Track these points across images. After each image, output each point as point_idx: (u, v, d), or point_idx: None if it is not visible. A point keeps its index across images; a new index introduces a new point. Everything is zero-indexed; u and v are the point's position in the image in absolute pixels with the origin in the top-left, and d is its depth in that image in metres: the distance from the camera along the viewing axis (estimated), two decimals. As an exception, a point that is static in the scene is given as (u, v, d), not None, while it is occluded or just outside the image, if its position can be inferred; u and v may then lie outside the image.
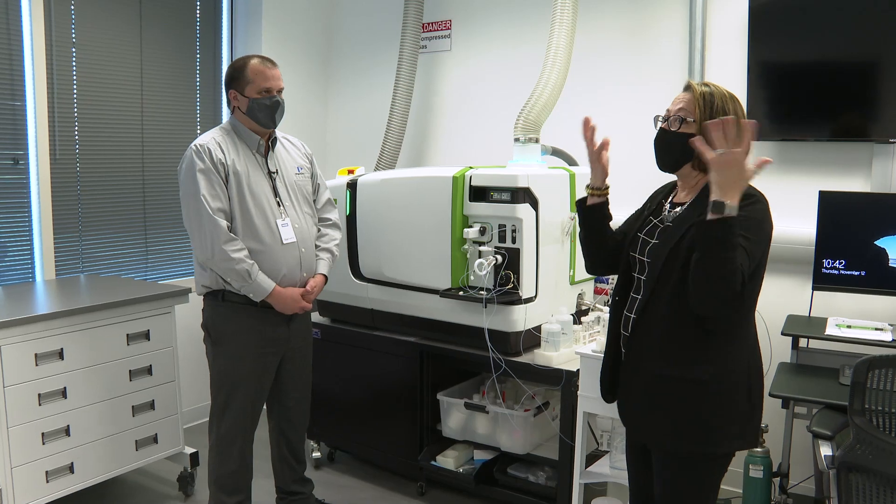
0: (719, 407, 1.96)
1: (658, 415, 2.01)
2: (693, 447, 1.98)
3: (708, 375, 1.95)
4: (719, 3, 3.42)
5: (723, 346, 1.96)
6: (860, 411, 2.24)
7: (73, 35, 3.66)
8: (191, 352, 3.82)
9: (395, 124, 4.19)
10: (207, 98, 4.34)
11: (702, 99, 1.98)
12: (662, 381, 2.00)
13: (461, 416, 3.32)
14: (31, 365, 2.88)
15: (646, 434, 2.09)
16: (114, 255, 3.93)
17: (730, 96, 2.00)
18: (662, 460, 2.07)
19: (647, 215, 2.17)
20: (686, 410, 1.97)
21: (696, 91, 2.00)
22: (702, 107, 1.98)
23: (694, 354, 1.96)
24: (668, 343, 1.99)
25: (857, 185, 3.18)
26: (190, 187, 2.76)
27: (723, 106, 1.97)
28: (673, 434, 1.99)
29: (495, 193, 3.03)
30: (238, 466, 2.93)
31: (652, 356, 2.02)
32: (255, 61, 2.83)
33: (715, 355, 1.95)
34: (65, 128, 3.66)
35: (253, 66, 2.82)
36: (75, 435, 3.03)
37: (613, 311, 2.19)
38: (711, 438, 1.96)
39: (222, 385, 2.89)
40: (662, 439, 2.03)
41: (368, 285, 3.45)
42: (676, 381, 1.98)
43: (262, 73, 2.82)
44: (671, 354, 1.98)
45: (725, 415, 1.96)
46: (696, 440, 1.97)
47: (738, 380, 1.98)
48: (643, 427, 2.09)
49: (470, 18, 4.23)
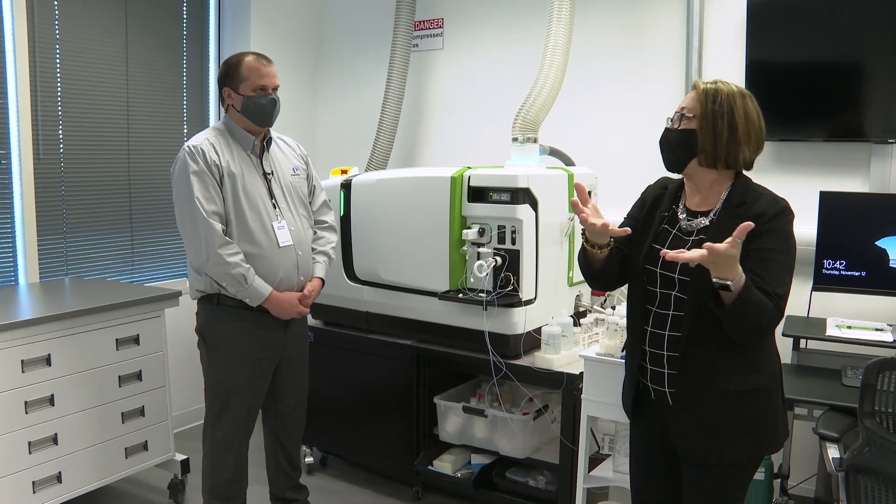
0: (768, 410, 1.98)
1: (722, 429, 1.96)
2: (749, 453, 1.99)
3: (756, 385, 1.95)
4: (717, 3, 3.41)
5: (765, 353, 1.99)
6: (870, 413, 2.22)
7: (56, 31, 3.56)
8: (180, 354, 3.74)
9: (386, 124, 4.14)
10: (195, 97, 4.25)
11: (704, 95, 1.96)
12: (723, 396, 1.94)
13: (458, 420, 3.27)
14: (18, 371, 2.78)
15: (699, 451, 2.00)
16: (99, 257, 3.84)
17: (739, 93, 1.96)
18: (702, 472, 2.01)
19: (660, 224, 2.08)
20: (746, 420, 1.95)
21: (700, 87, 1.98)
22: (703, 102, 1.95)
23: (747, 366, 1.95)
24: (723, 358, 1.94)
25: (855, 185, 3.18)
26: (183, 190, 2.69)
27: (728, 101, 1.93)
28: (734, 444, 1.96)
29: (494, 194, 2.99)
30: (233, 474, 2.87)
31: (708, 373, 1.95)
32: (250, 58, 2.77)
33: (762, 363, 1.97)
34: (48, 127, 3.56)
35: (248, 62, 2.75)
36: (63, 443, 2.94)
37: (637, 329, 2.10)
38: (763, 442, 1.99)
39: (217, 391, 2.82)
40: (722, 451, 1.97)
41: (363, 287, 3.40)
42: (731, 394, 1.94)
43: (258, 71, 2.75)
44: (729, 369, 1.94)
45: (774, 417, 1.99)
46: (751, 446, 1.98)
47: (778, 382, 2.02)
48: (700, 445, 1.99)
49: (462, 17, 4.19)
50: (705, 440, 1.97)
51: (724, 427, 1.95)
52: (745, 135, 1.94)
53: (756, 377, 1.95)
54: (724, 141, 1.94)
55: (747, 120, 1.94)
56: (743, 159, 1.96)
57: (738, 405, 1.94)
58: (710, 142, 1.94)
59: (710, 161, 1.97)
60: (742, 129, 1.93)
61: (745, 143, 1.95)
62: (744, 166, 1.99)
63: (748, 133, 1.95)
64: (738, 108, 1.93)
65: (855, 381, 2.65)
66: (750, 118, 1.95)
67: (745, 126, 1.94)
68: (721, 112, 1.93)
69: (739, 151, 1.94)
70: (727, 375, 1.94)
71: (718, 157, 1.95)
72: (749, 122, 1.95)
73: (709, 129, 1.94)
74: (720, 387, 1.94)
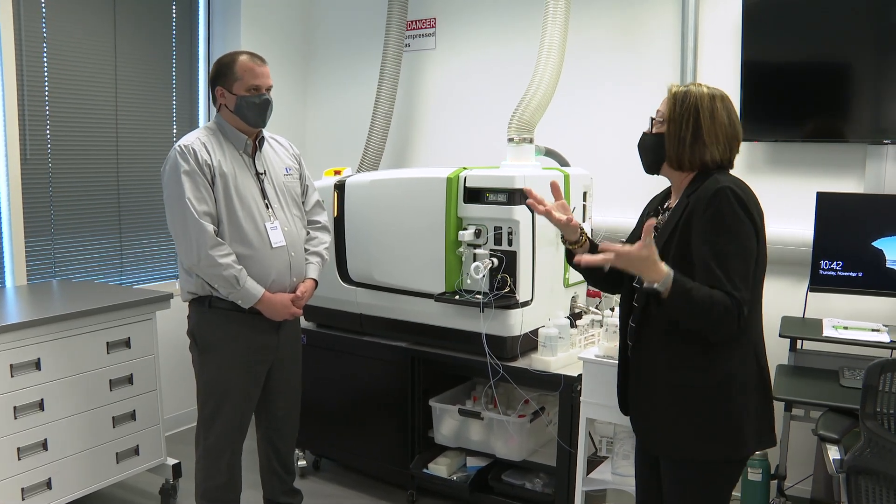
0: (729, 412, 1.92)
1: (668, 424, 1.98)
2: (705, 454, 1.95)
3: (714, 382, 1.92)
4: (712, 2, 3.40)
5: (726, 352, 1.93)
6: (872, 415, 2.22)
7: (43, 30, 3.50)
8: (172, 357, 3.69)
9: (378, 124, 4.11)
10: (184, 96, 4.20)
11: (673, 98, 1.99)
12: (669, 391, 1.97)
13: (454, 423, 3.24)
14: (7, 376, 2.73)
15: (656, 444, 2.06)
16: (88, 259, 3.78)
17: (709, 95, 1.97)
18: (672, 469, 2.04)
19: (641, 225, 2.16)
20: (695, 418, 1.94)
21: (671, 91, 2.01)
22: (671, 106, 1.98)
23: (697, 362, 1.93)
24: (670, 353, 1.97)
25: (850, 186, 3.17)
26: (174, 190, 2.65)
27: (695, 104, 1.95)
28: (684, 442, 1.96)
29: (491, 195, 2.97)
30: (226, 479, 2.84)
31: (656, 366, 2.00)
32: (243, 57, 2.74)
33: (719, 361, 1.92)
34: (36, 126, 3.51)
35: (242, 62, 2.72)
36: (53, 449, 2.89)
37: (621, 322, 2.16)
38: (723, 444, 1.93)
39: (210, 395, 2.79)
40: (672, 448, 2.00)
41: (357, 289, 3.36)
42: (683, 389, 1.95)
43: (252, 70, 2.72)
44: (675, 364, 1.96)
45: (738, 419, 1.93)
46: (708, 447, 1.94)
47: (745, 382, 1.94)
48: (653, 437, 2.06)
49: (455, 16, 4.16)
50: (655, 432, 2.03)
51: (669, 421, 1.97)
52: (710, 136, 1.94)
53: (708, 375, 1.92)
54: (688, 143, 1.95)
55: (713, 121, 1.94)
56: (711, 160, 1.96)
57: (686, 401, 1.95)
58: (675, 145, 1.97)
59: (675, 163, 1.99)
60: (707, 131, 1.94)
61: (712, 145, 1.95)
62: (713, 166, 1.97)
63: (714, 134, 1.94)
64: (705, 110, 1.95)
65: (853, 381, 2.65)
66: (717, 119, 1.95)
67: (710, 127, 1.94)
68: (686, 115, 1.95)
69: (706, 153, 1.95)
70: (675, 370, 1.95)
71: (682, 160, 1.98)
72: (716, 123, 1.95)
73: (674, 132, 1.97)
74: (668, 381, 1.97)
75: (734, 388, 1.93)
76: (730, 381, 1.92)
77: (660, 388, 1.99)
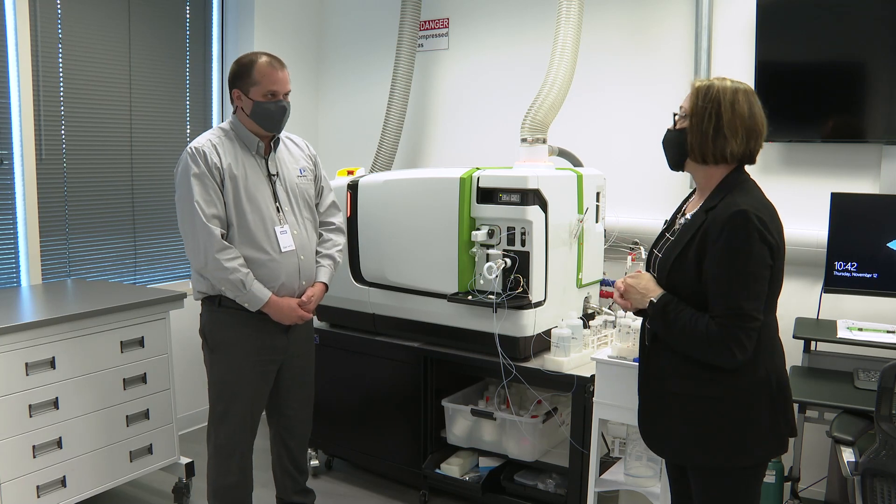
0: (739, 420, 1.92)
1: (675, 431, 1.99)
2: (718, 460, 1.94)
3: (722, 390, 1.92)
4: (726, 3, 3.39)
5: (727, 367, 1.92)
6: (887, 417, 2.21)
7: (59, 31, 3.53)
8: (185, 356, 3.71)
9: (391, 125, 4.11)
10: (198, 97, 4.22)
11: (696, 93, 1.98)
12: (677, 399, 1.97)
13: (467, 423, 3.24)
14: (22, 374, 2.75)
15: (666, 451, 2.08)
16: (102, 259, 3.80)
17: (732, 88, 1.96)
18: (693, 475, 2.03)
19: (664, 229, 2.15)
20: (704, 426, 1.94)
21: (694, 86, 2.01)
22: (694, 100, 1.98)
23: (707, 371, 1.92)
24: (679, 361, 1.97)
25: (865, 186, 3.16)
26: (184, 192, 2.65)
27: (717, 96, 1.94)
28: (696, 448, 1.95)
29: (504, 195, 2.96)
30: (238, 479, 2.84)
31: (665, 374, 2.00)
32: (263, 60, 2.71)
33: (720, 374, 1.91)
34: (51, 127, 3.53)
35: (260, 66, 2.70)
36: (67, 447, 2.90)
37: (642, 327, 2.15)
38: (735, 450, 1.93)
39: (220, 394, 2.79)
40: (685, 455, 2.00)
41: (370, 289, 3.37)
42: (691, 398, 1.95)
43: (270, 76, 2.70)
44: (684, 372, 1.96)
45: (747, 426, 1.92)
46: (720, 453, 1.93)
47: (757, 391, 1.93)
48: (662, 444, 2.06)
49: (468, 17, 4.17)
50: (659, 437, 2.05)
51: (670, 427, 1.99)
52: (730, 128, 1.93)
53: (717, 384, 1.92)
54: (710, 136, 1.94)
55: (734, 113, 1.93)
56: (731, 153, 1.95)
57: (685, 408, 1.96)
58: (698, 138, 1.96)
59: (699, 157, 1.98)
60: (727, 123, 1.93)
61: (732, 137, 1.93)
62: (734, 160, 1.97)
63: (734, 126, 1.93)
64: (726, 102, 1.93)
65: (868, 383, 2.64)
66: (738, 111, 1.93)
67: (730, 119, 1.93)
68: (707, 108, 1.94)
69: (727, 145, 1.94)
70: (678, 378, 1.97)
71: (706, 153, 1.96)
72: (736, 115, 1.93)
73: (697, 125, 1.96)
74: (670, 388, 1.99)
75: (741, 400, 1.92)
76: (737, 393, 1.92)
77: (667, 396, 2.00)
